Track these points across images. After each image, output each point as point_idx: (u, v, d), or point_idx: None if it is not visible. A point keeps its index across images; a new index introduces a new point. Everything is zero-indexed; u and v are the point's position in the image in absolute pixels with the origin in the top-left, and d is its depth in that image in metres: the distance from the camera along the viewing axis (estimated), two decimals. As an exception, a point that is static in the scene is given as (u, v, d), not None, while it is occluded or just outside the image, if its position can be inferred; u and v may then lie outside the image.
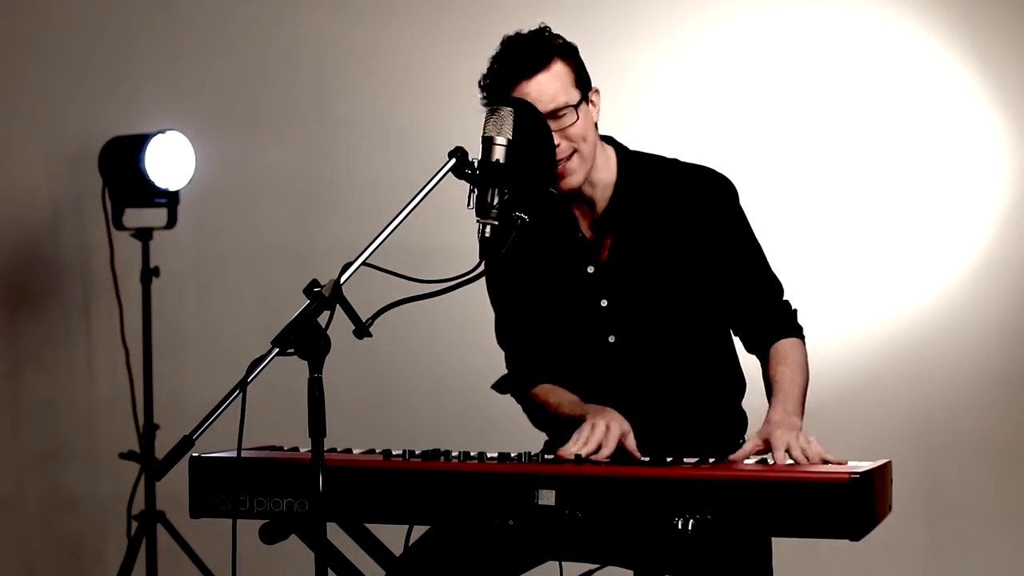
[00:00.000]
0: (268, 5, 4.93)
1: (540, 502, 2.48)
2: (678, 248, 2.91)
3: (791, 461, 2.62)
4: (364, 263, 2.46)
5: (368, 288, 2.51)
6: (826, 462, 2.58)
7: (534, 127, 2.70)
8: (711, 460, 2.63)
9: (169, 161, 4.54)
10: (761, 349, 2.94)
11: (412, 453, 2.64)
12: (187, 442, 2.34)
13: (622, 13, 4.70)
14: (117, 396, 4.76)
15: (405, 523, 2.66)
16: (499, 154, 2.58)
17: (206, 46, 4.94)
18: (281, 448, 2.83)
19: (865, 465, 2.49)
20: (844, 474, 2.39)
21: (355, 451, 2.77)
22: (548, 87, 2.81)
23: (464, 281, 2.50)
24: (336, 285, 2.40)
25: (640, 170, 2.94)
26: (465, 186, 2.59)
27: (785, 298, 2.98)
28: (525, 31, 2.89)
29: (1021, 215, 4.61)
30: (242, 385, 2.34)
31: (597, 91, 2.91)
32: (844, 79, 4.66)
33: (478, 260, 2.54)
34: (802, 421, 2.77)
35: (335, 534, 2.61)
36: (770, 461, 2.65)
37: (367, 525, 2.78)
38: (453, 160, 2.56)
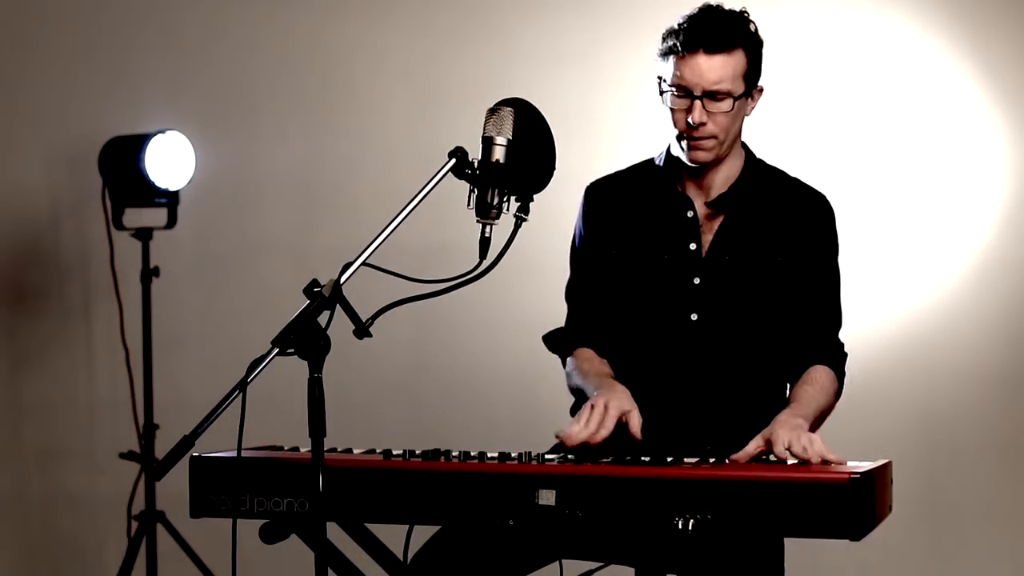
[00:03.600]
0: (268, 5, 4.93)
1: (540, 502, 2.48)
2: (776, 250, 2.99)
3: (793, 460, 2.62)
4: (364, 263, 2.47)
5: (368, 288, 2.51)
6: (826, 461, 2.59)
7: (534, 127, 2.70)
8: (711, 460, 2.63)
9: (169, 161, 4.54)
10: (798, 375, 2.98)
11: (412, 453, 2.64)
12: (187, 442, 2.34)
13: (621, 13, 4.70)
14: (117, 396, 4.76)
15: (405, 523, 2.66)
16: (499, 154, 2.58)
17: (206, 46, 4.94)
18: (281, 448, 2.83)
19: (865, 465, 2.49)
20: (844, 474, 2.39)
21: (355, 451, 2.77)
22: (720, 70, 2.89)
23: (464, 281, 2.50)
24: (336, 285, 2.40)
25: (762, 173, 3.05)
26: (465, 186, 2.59)
27: (840, 338, 3.06)
28: (727, 6, 2.97)
29: (1021, 215, 4.62)
30: (242, 385, 2.34)
31: (761, 90, 3.00)
32: (844, 79, 4.67)
33: (478, 260, 2.54)
34: (808, 424, 2.77)
35: (335, 534, 2.61)
36: (771, 459, 2.65)
37: (367, 525, 2.78)
38: (453, 160, 2.56)
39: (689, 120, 2.90)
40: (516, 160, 2.58)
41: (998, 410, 4.62)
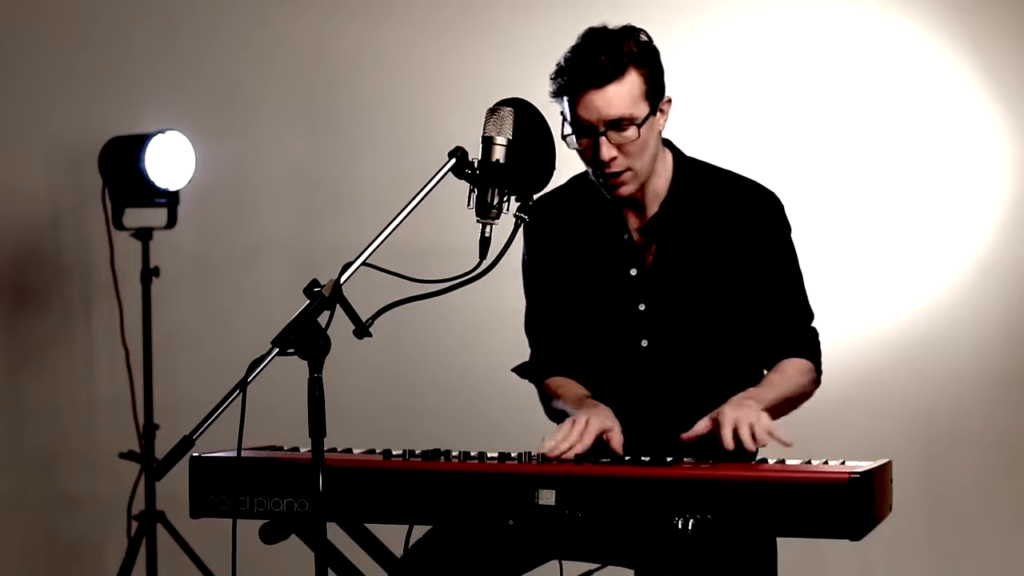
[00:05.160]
0: (268, 5, 4.93)
1: (540, 502, 2.48)
2: (722, 260, 2.91)
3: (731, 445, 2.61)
4: (364, 263, 2.47)
5: (368, 288, 2.51)
6: (772, 440, 2.59)
7: (534, 127, 2.70)
8: (711, 460, 2.63)
9: (169, 161, 4.54)
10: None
11: (412, 453, 2.64)
12: (187, 442, 2.34)
13: (620, 12, 4.69)
14: (117, 396, 4.76)
15: (405, 523, 2.66)
16: (499, 154, 2.58)
17: (206, 46, 4.94)
18: (281, 448, 2.83)
19: (865, 465, 2.49)
20: (844, 474, 2.39)
21: (355, 451, 2.78)
22: (615, 100, 2.79)
23: (464, 281, 2.50)
24: (336, 285, 2.40)
25: (694, 178, 2.95)
26: (465, 186, 2.59)
27: (813, 326, 2.99)
28: (612, 27, 2.86)
29: (1021, 215, 4.62)
30: (242, 385, 2.34)
31: (669, 100, 2.89)
32: (844, 79, 4.67)
33: (478, 260, 2.54)
34: (760, 405, 2.72)
35: (335, 534, 2.61)
36: (767, 457, 2.65)
37: (367, 525, 2.78)
38: (453, 160, 2.56)
39: (600, 159, 2.81)
40: (516, 160, 2.58)
41: (998, 410, 4.62)
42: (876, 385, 4.61)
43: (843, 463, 2.55)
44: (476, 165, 2.57)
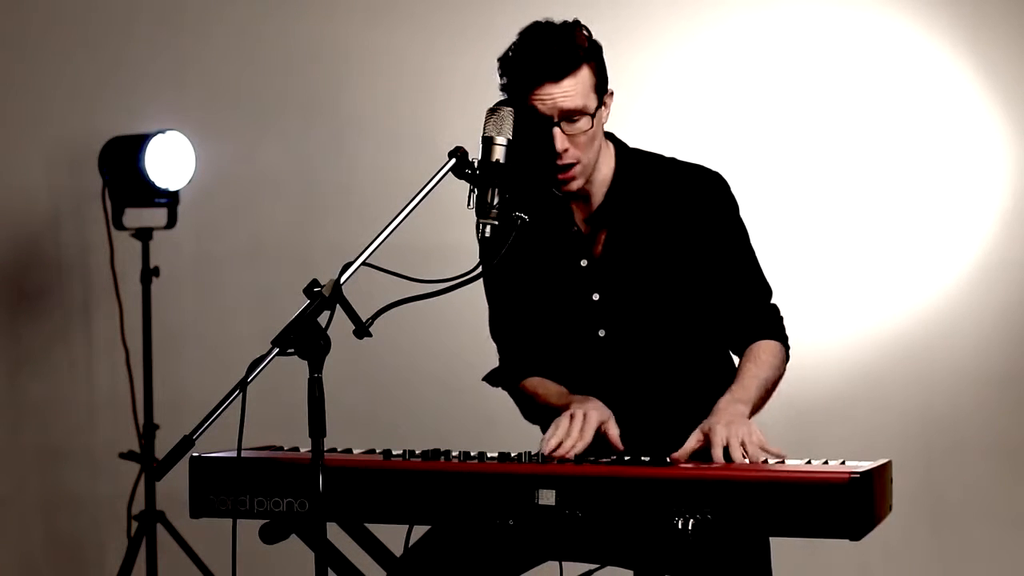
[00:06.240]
0: (268, 5, 4.93)
1: (540, 502, 2.48)
2: (672, 245, 2.90)
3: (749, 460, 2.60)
4: (364, 263, 2.47)
5: (368, 288, 2.51)
6: (765, 457, 2.59)
7: (534, 127, 2.70)
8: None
9: (169, 161, 4.54)
10: (741, 350, 2.93)
11: (412, 453, 2.64)
12: (187, 442, 2.34)
13: (619, 11, 4.70)
14: (117, 396, 4.76)
15: (405, 523, 2.66)
16: (499, 154, 2.58)
17: (206, 46, 4.94)
18: (281, 448, 2.83)
19: (865, 465, 2.49)
20: (844, 474, 2.39)
21: (355, 451, 2.78)
22: (572, 92, 2.78)
23: (464, 281, 2.50)
24: (336, 285, 2.40)
25: (637, 167, 2.94)
26: (465, 186, 2.59)
27: (773, 302, 2.97)
28: (557, 22, 2.85)
29: (1021, 215, 4.62)
30: (242, 385, 2.34)
31: (611, 94, 2.90)
32: (844, 79, 4.67)
33: (478, 260, 2.54)
34: (748, 409, 2.74)
35: (335, 534, 2.61)
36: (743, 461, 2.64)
37: (367, 525, 2.78)
38: (453, 160, 2.56)
39: (554, 149, 2.79)
40: (516, 160, 2.58)
41: (998, 410, 4.62)
42: (876, 385, 4.61)
43: (843, 463, 2.55)
44: (476, 165, 2.58)
